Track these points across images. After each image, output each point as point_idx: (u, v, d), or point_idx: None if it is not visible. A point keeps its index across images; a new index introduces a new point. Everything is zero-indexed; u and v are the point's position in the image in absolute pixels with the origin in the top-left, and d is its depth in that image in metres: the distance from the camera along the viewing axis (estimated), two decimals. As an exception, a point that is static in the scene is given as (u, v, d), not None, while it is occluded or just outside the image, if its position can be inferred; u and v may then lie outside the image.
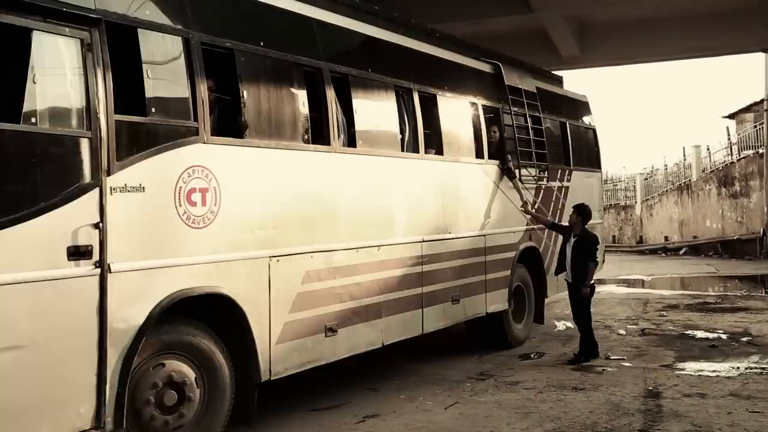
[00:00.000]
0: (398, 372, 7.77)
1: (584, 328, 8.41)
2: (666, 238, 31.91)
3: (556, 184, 9.96)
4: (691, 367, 7.86)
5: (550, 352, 8.85)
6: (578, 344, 8.49)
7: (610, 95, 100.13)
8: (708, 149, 31.24)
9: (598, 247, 8.67)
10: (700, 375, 7.46)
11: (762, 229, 25.66)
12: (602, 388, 6.96)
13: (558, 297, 10.59)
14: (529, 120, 9.28)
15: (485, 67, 8.96)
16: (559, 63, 18.68)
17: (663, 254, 30.64)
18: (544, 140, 9.55)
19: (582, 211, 8.44)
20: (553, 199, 9.87)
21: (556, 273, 8.99)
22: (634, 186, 36.40)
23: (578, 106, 11.48)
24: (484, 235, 8.24)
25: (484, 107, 8.53)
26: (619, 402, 6.46)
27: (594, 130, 11.72)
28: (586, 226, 8.48)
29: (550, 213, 9.66)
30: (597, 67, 20.93)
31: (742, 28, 16.92)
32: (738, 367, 7.75)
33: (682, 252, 30.14)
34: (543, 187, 9.53)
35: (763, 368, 7.68)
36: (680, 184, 31.96)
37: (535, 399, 6.63)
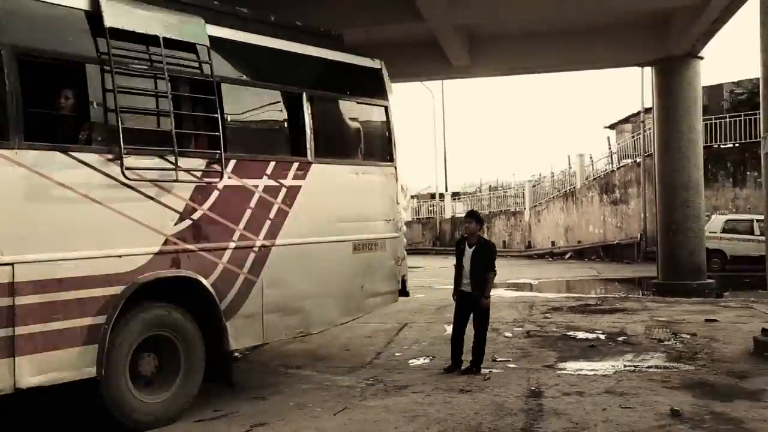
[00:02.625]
0: (287, 380, 7.75)
1: (482, 337, 8.14)
2: (553, 243, 33.23)
3: (259, 183, 6.95)
4: (571, 366, 8.21)
5: (441, 355, 9.03)
6: (471, 352, 8.14)
7: (502, 104, 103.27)
8: (591, 158, 32.82)
9: (496, 255, 8.16)
10: (579, 374, 7.80)
11: (639, 234, 27.18)
12: (488, 390, 7.17)
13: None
14: (168, 83, 6.21)
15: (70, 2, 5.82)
16: (450, 72, 19.16)
17: (550, 258, 31.91)
18: (216, 116, 6.49)
19: (479, 218, 8.12)
20: (254, 205, 6.88)
21: (457, 286, 8.09)
22: (523, 193, 37.67)
23: (348, 73, 8.28)
24: (11, 264, 5.13)
25: (46, 63, 5.65)
26: (503, 402, 6.68)
27: (385, 109, 8.64)
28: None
29: (243, 225, 6.75)
30: (487, 76, 21.57)
31: (619, 44, 17.89)
32: (614, 366, 8.16)
33: (567, 256, 31.48)
34: (218, 187, 6.53)
35: (636, 366, 8.13)
36: (566, 191, 33.38)
37: (423, 402, 6.75)
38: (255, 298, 6.84)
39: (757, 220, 20.74)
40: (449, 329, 10.92)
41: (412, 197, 51.03)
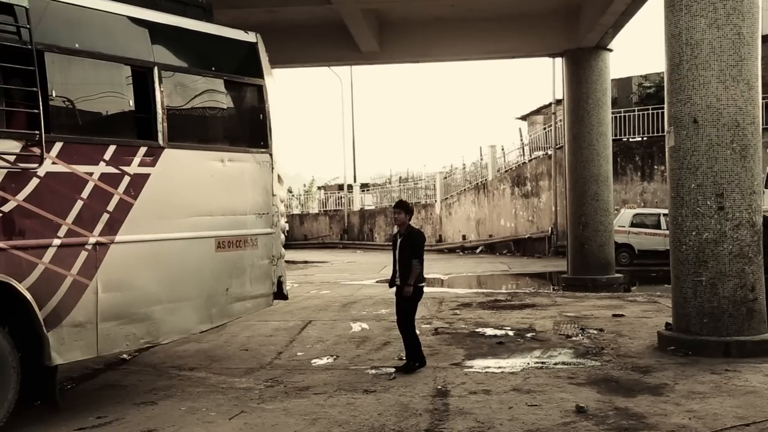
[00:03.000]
0: (180, 383, 7.59)
1: (405, 333, 8.24)
2: (464, 237, 33.85)
3: (95, 170, 6.35)
4: (478, 364, 8.37)
5: (344, 354, 9.04)
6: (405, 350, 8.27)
7: (414, 93, 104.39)
8: (503, 149, 33.58)
9: (424, 244, 8.22)
10: (486, 372, 7.95)
11: (550, 228, 28.00)
12: (393, 390, 7.22)
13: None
14: None
15: None
16: (358, 57, 19.17)
17: (461, 253, 32.51)
18: (35, 90, 5.89)
19: (407, 208, 8.15)
20: (88, 196, 6.28)
21: (391, 285, 8.26)
22: (434, 185, 38.20)
23: (215, 47, 7.76)
24: None
25: None
26: (408, 402, 6.73)
27: (260, 89, 8.09)
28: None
29: (72, 219, 6.15)
30: (397, 63, 21.69)
31: (531, 33, 18.38)
32: (521, 363, 8.36)
33: (478, 251, 32.15)
34: (38, 174, 5.92)
35: (543, 362, 8.36)
36: (477, 184, 34.05)
37: (324, 404, 6.74)
38: (87, 303, 6.21)
39: (664, 215, 21.75)
40: (355, 327, 11.04)
41: (319, 188, 50.98)
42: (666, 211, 9.58)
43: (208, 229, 7.34)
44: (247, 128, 8.11)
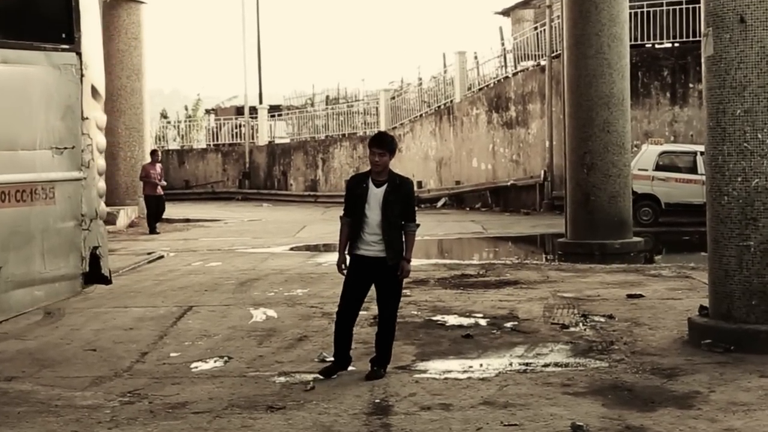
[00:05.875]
0: (-5, 400, 7.49)
1: (394, 323, 8.32)
2: (420, 184, 33.94)
3: None
4: (435, 367, 8.46)
5: (240, 355, 9.03)
6: (376, 347, 8.29)
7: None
8: (476, 58, 33.60)
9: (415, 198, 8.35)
10: (446, 378, 8.03)
11: (543, 172, 28.22)
12: (310, 405, 7.23)
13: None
14: None
15: None
16: None
17: (417, 207, 32.64)
18: None
19: (391, 145, 8.10)
20: None
21: (351, 249, 8.06)
22: (377, 108, 38.13)
23: None
24: None
25: None
26: (332, 424, 6.74)
27: None
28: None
29: None
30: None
31: None
32: (497, 365, 8.47)
33: (440, 204, 32.42)
34: None
35: (527, 363, 8.48)
36: (439, 107, 34.16)
37: (209, 428, 6.70)
38: None
39: (701, 153, 22.08)
40: (257, 315, 11.01)
41: (208, 111, 50.41)
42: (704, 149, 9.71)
43: None
44: (35, 10, 7.54)
